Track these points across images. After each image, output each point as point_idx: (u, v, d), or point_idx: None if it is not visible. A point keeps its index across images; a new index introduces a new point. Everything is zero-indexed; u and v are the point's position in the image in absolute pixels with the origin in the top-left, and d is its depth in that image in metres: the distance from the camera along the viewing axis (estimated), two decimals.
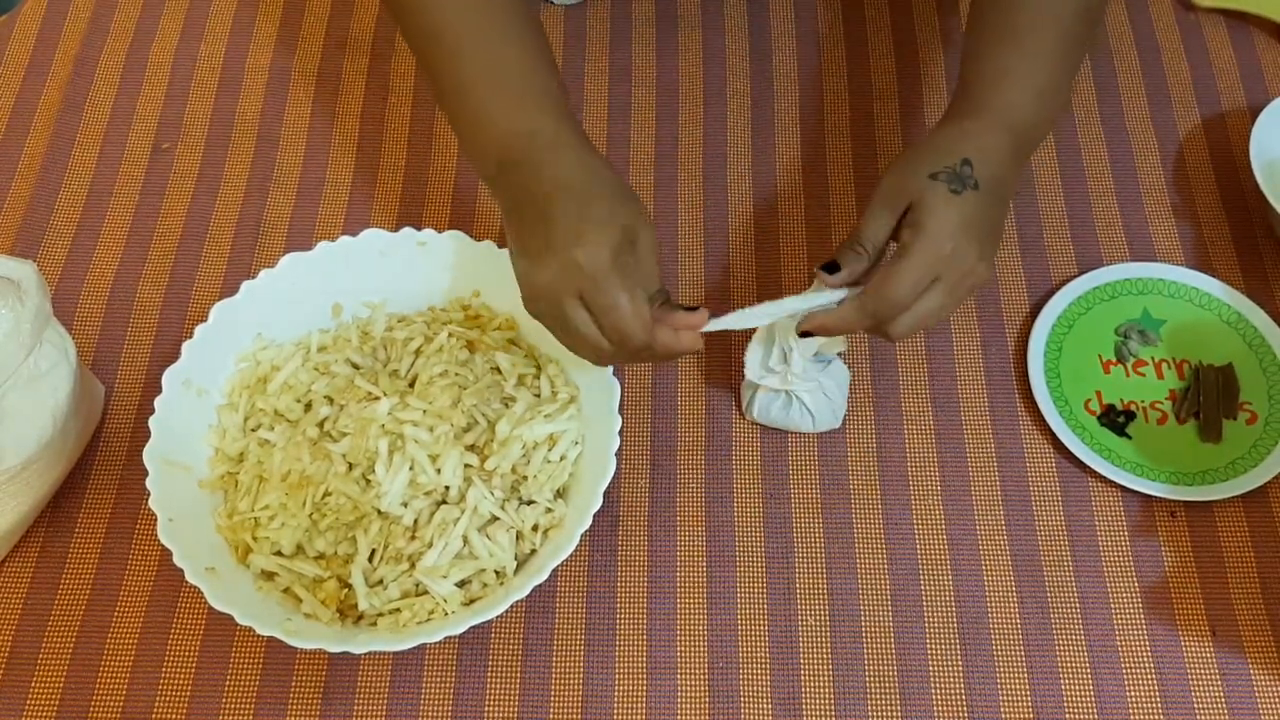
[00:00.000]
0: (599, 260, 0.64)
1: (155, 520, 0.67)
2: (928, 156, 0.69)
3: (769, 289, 0.86)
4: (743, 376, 0.78)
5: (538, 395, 0.76)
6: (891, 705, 0.71)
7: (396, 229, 0.79)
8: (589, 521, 0.68)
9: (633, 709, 0.71)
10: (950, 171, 0.67)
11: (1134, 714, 0.71)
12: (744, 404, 0.79)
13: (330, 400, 0.75)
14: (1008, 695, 0.72)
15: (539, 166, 0.67)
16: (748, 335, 0.77)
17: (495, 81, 0.69)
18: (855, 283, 0.71)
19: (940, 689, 0.72)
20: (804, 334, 0.72)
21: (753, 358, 0.75)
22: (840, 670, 0.72)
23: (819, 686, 0.72)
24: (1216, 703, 0.71)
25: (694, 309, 0.69)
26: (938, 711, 0.71)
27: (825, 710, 0.71)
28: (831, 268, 0.70)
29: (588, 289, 0.65)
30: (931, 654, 0.73)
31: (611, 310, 0.65)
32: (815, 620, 0.74)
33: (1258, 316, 0.84)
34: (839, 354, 0.77)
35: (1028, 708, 0.71)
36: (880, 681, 0.72)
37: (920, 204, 0.67)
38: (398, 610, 0.69)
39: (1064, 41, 0.72)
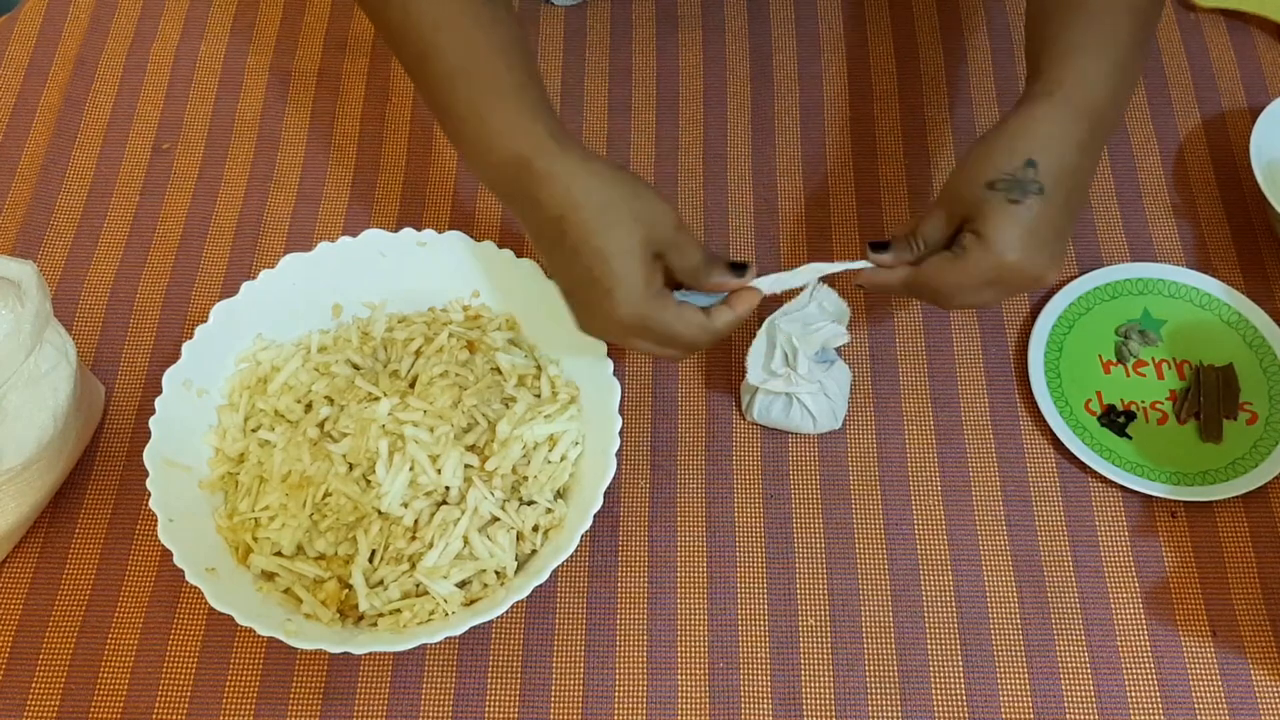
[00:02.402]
0: (636, 310, 0.67)
1: (155, 521, 0.68)
2: (991, 158, 0.67)
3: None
4: (742, 377, 0.78)
5: (538, 396, 0.76)
6: (892, 705, 0.71)
7: (396, 229, 0.80)
8: (589, 522, 0.68)
9: (633, 709, 0.71)
10: (1010, 179, 0.66)
11: (1134, 714, 0.71)
12: (744, 405, 0.79)
13: (330, 401, 0.75)
14: (1008, 695, 0.72)
15: (540, 195, 0.67)
16: (748, 338, 0.77)
17: (488, 103, 0.68)
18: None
19: (940, 688, 0.72)
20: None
21: (754, 361, 0.75)
22: (840, 670, 0.72)
23: (819, 686, 0.72)
24: (1217, 703, 0.71)
25: (741, 268, 0.70)
26: (938, 711, 0.71)
27: (825, 710, 0.71)
28: (881, 246, 0.71)
29: (640, 335, 0.68)
30: (932, 653, 0.73)
31: (669, 340, 0.69)
32: (815, 620, 0.74)
33: (1258, 316, 0.84)
34: (839, 347, 0.77)
35: (1028, 707, 0.71)
36: (880, 681, 0.72)
37: (979, 216, 0.66)
38: (398, 611, 0.69)
39: (1137, 15, 0.70)
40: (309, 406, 0.76)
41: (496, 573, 0.70)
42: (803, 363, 0.74)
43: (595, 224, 0.66)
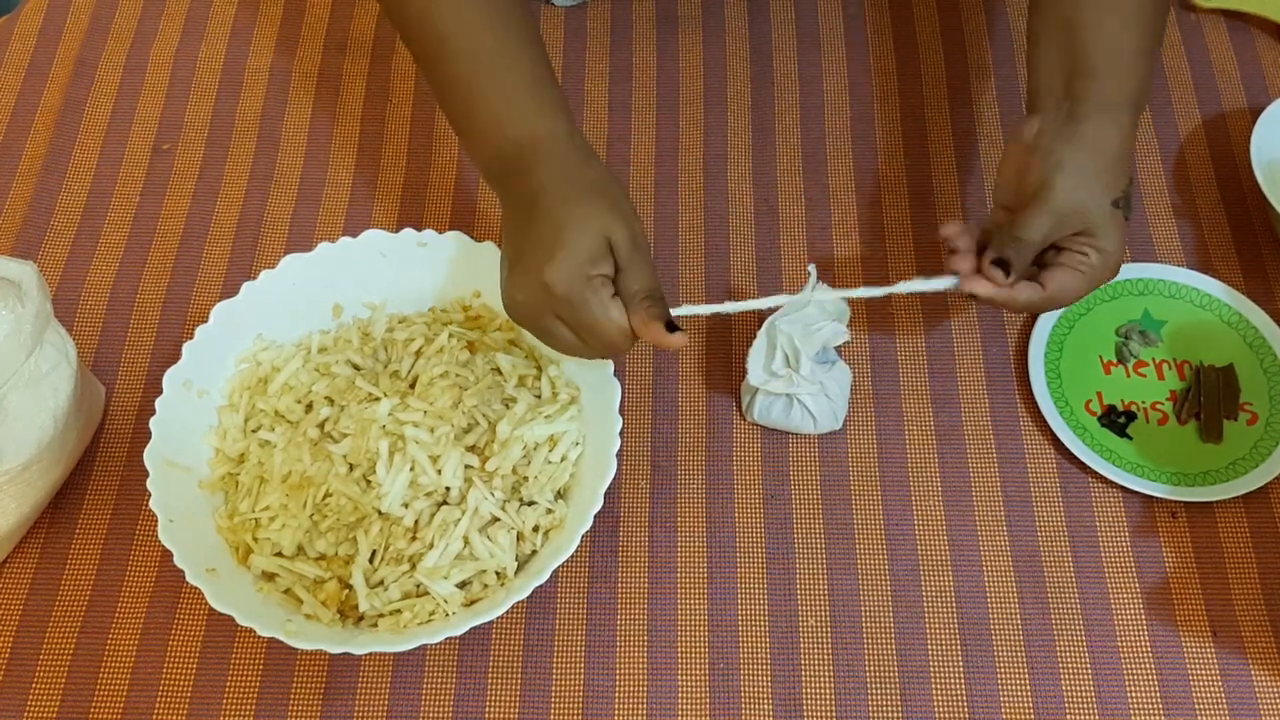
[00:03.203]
0: (570, 281, 0.66)
1: (156, 521, 0.68)
2: (1108, 179, 0.70)
3: (769, 288, 0.86)
4: (742, 378, 0.78)
5: (538, 396, 0.76)
6: (892, 705, 0.71)
7: (397, 230, 0.80)
8: (590, 522, 0.68)
9: (633, 709, 0.71)
10: (1125, 198, 0.71)
11: (1134, 714, 0.71)
12: (744, 406, 0.79)
13: (331, 401, 0.75)
14: (1008, 695, 0.72)
15: (531, 170, 0.68)
16: (749, 339, 0.77)
17: (503, 87, 0.70)
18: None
19: (941, 688, 0.72)
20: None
21: (755, 362, 0.75)
22: (841, 669, 0.72)
23: (820, 686, 0.72)
24: (1217, 703, 0.71)
25: (674, 329, 0.67)
26: (938, 711, 0.71)
27: (826, 709, 0.71)
28: (1003, 264, 0.71)
29: (563, 311, 0.67)
30: (932, 653, 0.73)
31: (589, 330, 0.67)
32: (816, 620, 0.74)
33: (1258, 317, 0.84)
34: (839, 347, 0.77)
35: (1028, 707, 0.71)
36: (881, 681, 0.72)
37: (1102, 231, 0.70)
38: (398, 611, 0.69)
39: (1162, 7, 0.73)
40: (309, 407, 0.76)
41: (497, 573, 0.70)
42: (804, 363, 0.74)
43: (570, 197, 0.67)
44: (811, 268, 0.75)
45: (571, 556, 0.68)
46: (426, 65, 0.73)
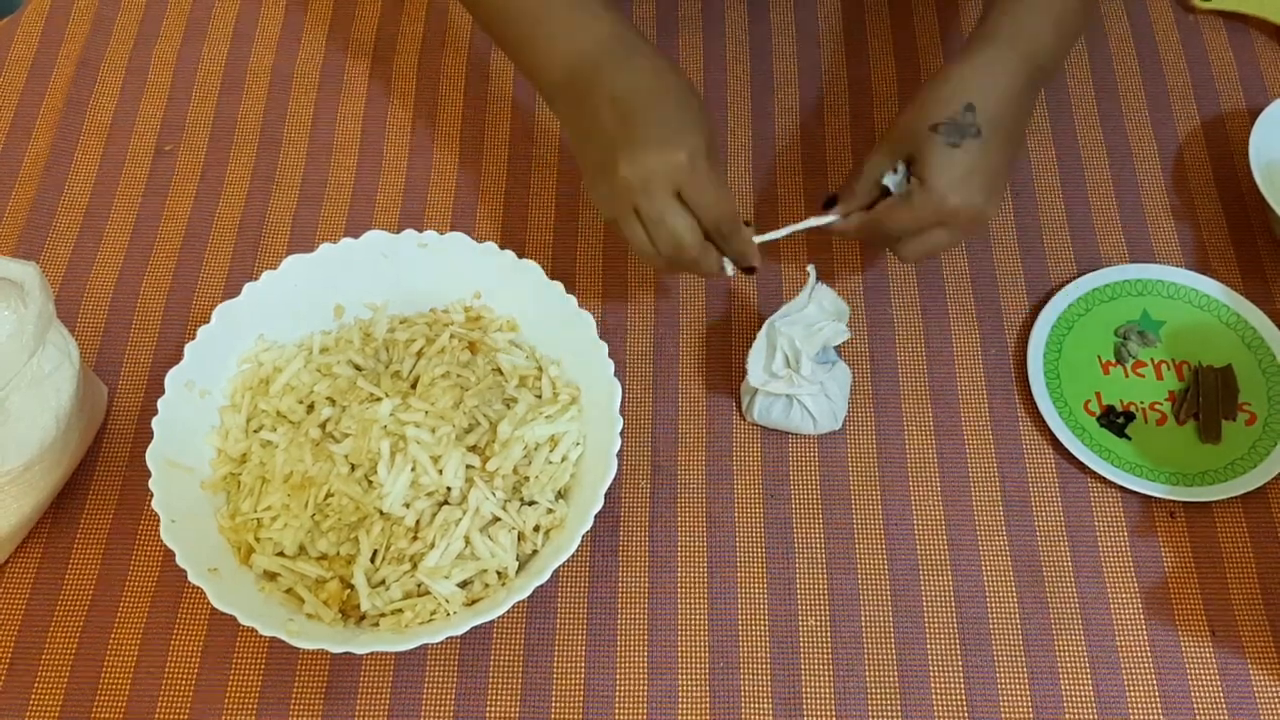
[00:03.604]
0: (648, 174, 0.68)
1: (158, 521, 0.68)
2: (932, 102, 0.71)
3: (769, 288, 0.86)
4: (742, 378, 0.78)
5: (539, 396, 0.77)
6: (892, 705, 0.71)
7: (398, 230, 0.80)
8: (590, 522, 0.68)
9: (633, 709, 0.71)
10: (951, 123, 0.70)
11: (1134, 714, 0.71)
12: (744, 406, 0.80)
13: (332, 401, 0.76)
14: (1008, 695, 0.72)
15: (608, 75, 0.70)
16: (748, 340, 0.77)
17: (563, 4, 0.73)
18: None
19: (940, 689, 0.72)
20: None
21: (755, 363, 0.76)
22: (840, 670, 0.72)
23: (819, 686, 0.72)
24: (1216, 703, 0.72)
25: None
26: (938, 711, 0.71)
27: (825, 710, 0.71)
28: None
29: (641, 203, 0.69)
30: (931, 654, 0.73)
31: (658, 222, 0.69)
32: (815, 620, 0.74)
33: (1257, 318, 0.84)
34: (839, 347, 0.77)
35: (1028, 708, 0.71)
36: (880, 681, 0.72)
37: (921, 158, 0.70)
38: (400, 611, 0.69)
39: None
40: (311, 407, 0.76)
41: (498, 573, 0.71)
42: (805, 364, 0.74)
43: (650, 101, 0.69)
44: (811, 268, 0.75)
45: (572, 556, 0.69)
46: (482, 5, 0.76)
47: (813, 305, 0.75)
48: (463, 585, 0.70)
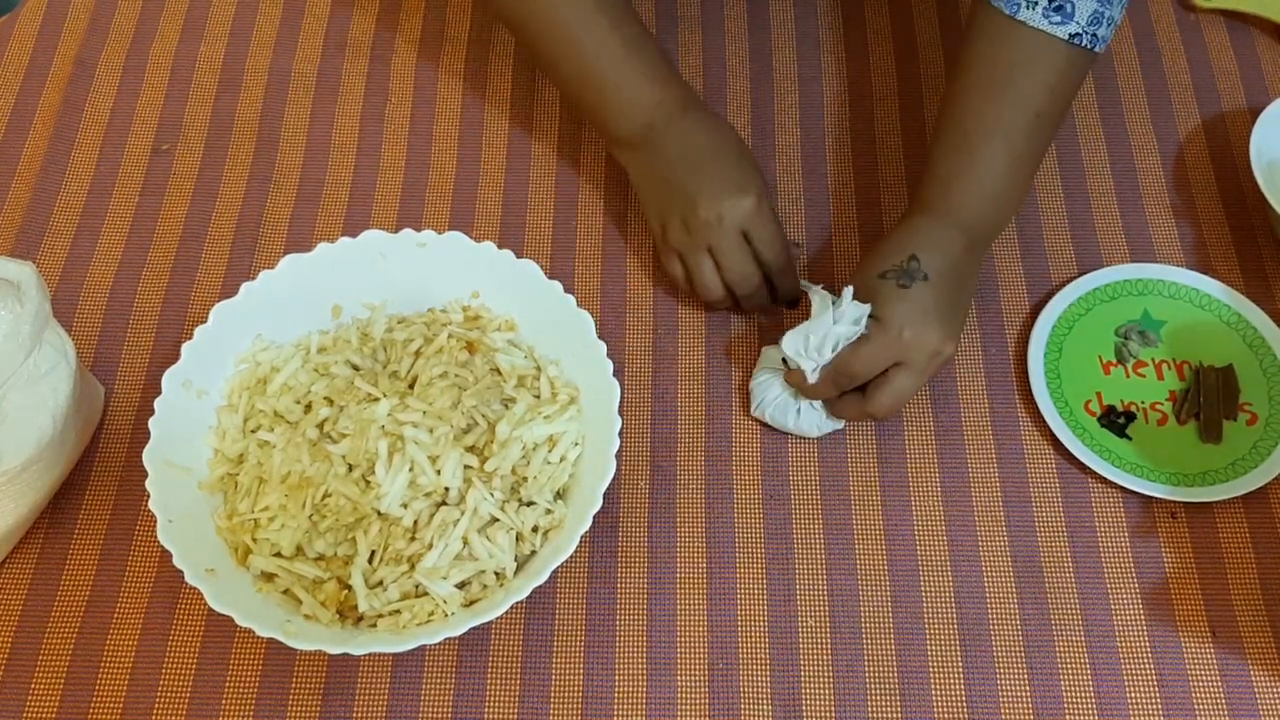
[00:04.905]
0: (723, 215, 0.78)
1: (155, 521, 0.67)
2: (879, 257, 0.76)
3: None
4: (747, 377, 0.78)
5: (538, 396, 0.76)
6: (892, 705, 0.71)
7: (396, 230, 0.79)
8: (589, 523, 0.68)
9: (633, 709, 0.71)
10: (898, 269, 0.75)
11: (1134, 714, 0.71)
12: (753, 404, 0.79)
13: (330, 401, 0.75)
14: (1008, 695, 0.72)
15: (686, 131, 0.80)
16: (749, 339, 0.77)
17: (629, 58, 0.80)
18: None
19: (940, 689, 0.72)
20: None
21: (795, 338, 0.75)
22: (840, 670, 0.72)
23: (819, 686, 0.72)
24: (1216, 703, 0.71)
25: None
26: (937, 712, 0.71)
27: (825, 710, 0.71)
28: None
29: (713, 239, 0.78)
30: (931, 654, 0.73)
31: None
32: (815, 620, 0.74)
33: (1258, 317, 0.84)
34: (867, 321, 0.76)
35: (1028, 708, 0.71)
36: (880, 681, 0.72)
37: (875, 301, 0.74)
38: (397, 611, 0.69)
39: (1012, 149, 0.77)
40: (308, 407, 0.76)
41: (496, 573, 0.70)
42: (826, 356, 0.74)
43: (721, 152, 0.80)
44: (848, 290, 0.74)
45: (570, 557, 0.68)
46: (552, 63, 0.82)
47: (842, 324, 0.74)
48: (461, 586, 0.70)
